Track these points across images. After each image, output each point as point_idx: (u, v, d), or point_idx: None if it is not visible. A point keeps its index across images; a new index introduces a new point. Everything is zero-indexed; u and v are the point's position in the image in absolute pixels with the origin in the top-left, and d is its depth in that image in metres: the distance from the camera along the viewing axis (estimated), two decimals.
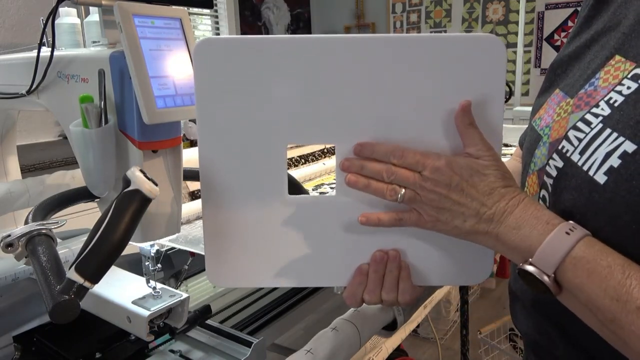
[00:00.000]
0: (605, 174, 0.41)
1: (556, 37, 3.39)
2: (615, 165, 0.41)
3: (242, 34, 3.76)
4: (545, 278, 0.41)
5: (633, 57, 0.44)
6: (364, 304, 0.53)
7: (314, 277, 0.52)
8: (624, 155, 0.40)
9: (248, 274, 0.52)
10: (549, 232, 0.42)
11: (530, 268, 0.42)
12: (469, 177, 0.46)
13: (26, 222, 0.51)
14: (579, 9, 3.24)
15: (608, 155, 0.42)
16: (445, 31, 3.92)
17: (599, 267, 0.39)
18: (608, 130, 0.42)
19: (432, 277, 0.52)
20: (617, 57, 0.46)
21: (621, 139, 0.41)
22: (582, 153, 0.44)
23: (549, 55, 3.42)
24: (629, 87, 0.43)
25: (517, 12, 3.42)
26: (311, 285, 0.58)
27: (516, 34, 3.48)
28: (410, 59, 0.47)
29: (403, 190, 0.47)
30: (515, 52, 3.52)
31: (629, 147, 0.40)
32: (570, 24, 3.31)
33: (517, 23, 3.45)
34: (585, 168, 0.43)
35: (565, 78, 0.54)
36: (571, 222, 0.42)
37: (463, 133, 0.48)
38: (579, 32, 0.55)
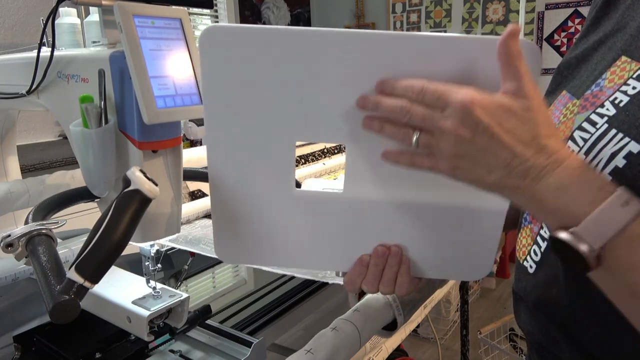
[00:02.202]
0: (610, 174, 0.41)
1: (556, 37, 3.39)
2: (621, 166, 0.41)
3: None
4: (584, 248, 0.36)
5: (639, 57, 0.44)
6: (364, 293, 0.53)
7: (315, 262, 0.53)
8: (629, 156, 0.40)
9: (252, 255, 0.53)
10: (601, 200, 0.36)
11: (565, 236, 0.37)
12: (502, 120, 0.38)
13: (26, 222, 0.51)
14: (579, 9, 3.25)
15: (613, 155, 0.41)
16: (445, 31, 3.92)
17: None
18: (613, 131, 0.42)
19: (432, 271, 0.52)
20: (624, 58, 0.46)
21: (627, 139, 0.41)
22: (587, 153, 0.44)
23: (549, 55, 3.42)
24: (634, 87, 0.43)
25: (517, 12, 3.42)
26: (312, 269, 0.58)
27: None
28: (436, 59, 0.43)
29: (418, 133, 0.41)
30: None
31: (635, 147, 0.40)
32: (570, 23, 3.31)
33: (517, 23, 3.45)
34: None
35: (572, 80, 0.54)
36: (627, 191, 0.37)
37: (505, 65, 0.40)
38: (586, 34, 0.55)
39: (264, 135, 0.47)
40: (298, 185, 0.52)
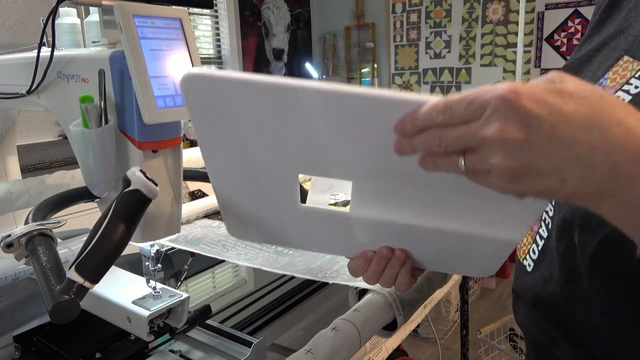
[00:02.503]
0: None
1: (556, 37, 3.39)
2: None
3: (242, 33, 3.76)
4: None
5: None
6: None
7: (321, 248, 0.54)
8: None
9: (260, 235, 0.53)
10: None
11: None
12: (561, 105, 0.29)
13: (26, 222, 0.51)
14: (579, 9, 3.25)
15: None
16: (445, 31, 3.92)
17: None
18: None
19: (437, 266, 0.52)
20: (626, 58, 0.46)
21: None
22: None
23: (549, 55, 3.42)
24: (636, 87, 0.43)
25: (517, 12, 3.42)
26: (317, 252, 0.58)
27: (516, 34, 3.48)
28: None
29: (462, 157, 0.33)
30: (515, 52, 3.52)
31: None
32: (570, 23, 3.31)
33: (517, 23, 3.45)
34: None
35: None
36: None
37: None
38: (590, 36, 0.56)
39: (263, 173, 0.45)
40: (304, 192, 0.51)
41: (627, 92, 0.43)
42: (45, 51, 0.58)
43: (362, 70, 4.61)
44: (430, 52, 4.05)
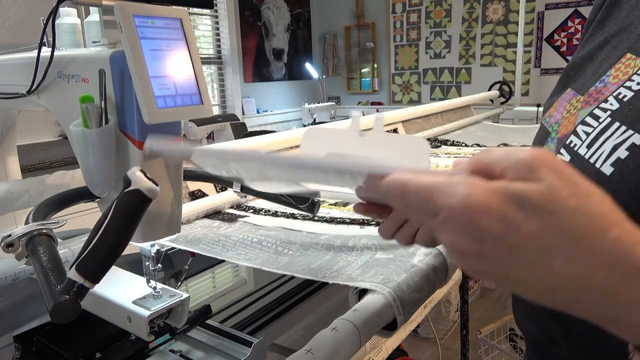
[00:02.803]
0: (612, 165, 0.41)
1: (556, 37, 3.39)
2: (623, 157, 0.41)
3: (242, 33, 3.76)
4: None
5: None
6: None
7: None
8: (632, 147, 0.41)
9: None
10: None
11: None
12: (520, 225, 0.26)
13: (26, 222, 0.51)
14: (579, 9, 3.25)
15: (616, 147, 0.42)
16: (445, 31, 3.92)
17: None
18: (617, 124, 0.43)
19: None
20: (629, 55, 0.47)
21: (630, 132, 0.41)
22: (589, 146, 0.44)
23: (549, 55, 3.42)
24: (638, 83, 0.43)
25: (517, 12, 3.43)
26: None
27: (516, 34, 3.48)
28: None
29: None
30: (515, 52, 3.52)
31: (638, 139, 0.40)
32: (570, 23, 3.31)
33: (517, 23, 3.45)
34: (592, 161, 0.43)
35: (577, 79, 0.55)
36: None
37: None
38: (592, 35, 0.56)
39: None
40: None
41: (629, 88, 0.44)
42: (46, 51, 0.58)
43: (362, 70, 4.61)
44: (430, 52, 4.05)
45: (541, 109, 2.92)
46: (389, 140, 0.42)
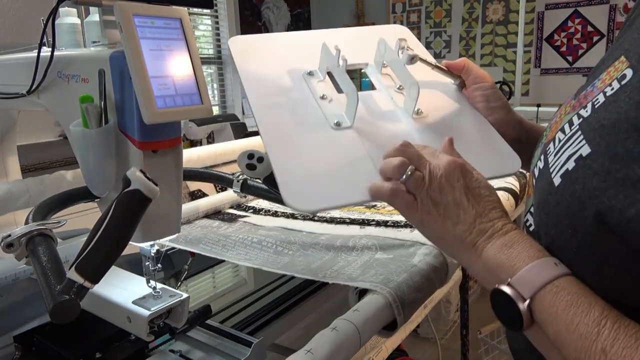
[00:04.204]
0: (561, 176, 0.41)
1: (556, 37, 3.38)
2: (570, 168, 0.40)
3: (242, 33, 3.76)
4: (521, 305, 0.39)
5: (631, 56, 0.42)
6: None
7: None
8: (578, 159, 0.40)
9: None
10: (539, 257, 0.41)
11: (506, 289, 0.40)
12: (476, 187, 0.46)
13: (26, 222, 0.51)
14: (579, 9, 3.25)
15: (569, 157, 0.41)
16: (445, 31, 3.92)
17: (579, 300, 0.37)
18: (579, 133, 0.41)
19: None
20: (622, 58, 0.44)
21: (583, 142, 0.40)
22: (556, 154, 0.44)
23: (549, 55, 3.42)
24: (612, 88, 0.41)
25: (517, 12, 3.42)
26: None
27: (516, 34, 3.48)
28: None
29: (413, 168, 0.47)
30: (515, 52, 3.52)
31: (585, 150, 0.39)
32: (570, 24, 3.31)
33: (517, 23, 3.45)
34: (550, 170, 0.43)
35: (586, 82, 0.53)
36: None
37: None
38: (620, 36, 0.53)
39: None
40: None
41: (605, 94, 0.41)
42: (46, 51, 0.58)
43: (363, 70, 4.61)
44: (430, 52, 4.04)
45: (541, 108, 2.93)
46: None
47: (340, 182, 0.56)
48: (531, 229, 0.50)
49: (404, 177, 0.47)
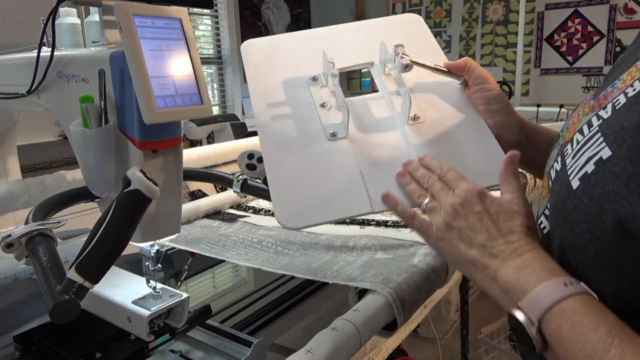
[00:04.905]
0: (579, 179, 0.40)
1: (556, 37, 3.38)
2: (589, 171, 0.39)
3: (242, 33, 3.76)
4: (532, 330, 0.38)
5: None
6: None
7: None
8: (598, 162, 0.38)
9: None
10: (547, 279, 0.40)
11: (519, 315, 0.40)
12: (494, 213, 0.47)
13: (26, 222, 0.51)
14: (579, 9, 3.24)
15: (588, 160, 0.40)
16: (445, 31, 3.92)
17: (585, 320, 0.36)
18: (598, 135, 0.40)
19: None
20: None
21: (603, 144, 0.39)
22: (574, 157, 0.42)
23: (549, 55, 3.42)
24: (634, 89, 0.40)
25: (517, 12, 3.42)
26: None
27: (516, 34, 3.48)
28: None
29: (430, 199, 0.52)
30: (515, 52, 3.52)
31: (605, 153, 0.38)
32: (570, 24, 3.31)
33: (517, 23, 3.45)
34: (568, 172, 0.42)
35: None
36: (574, 279, 0.40)
37: (504, 180, 0.51)
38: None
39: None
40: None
41: (626, 95, 0.41)
42: (46, 51, 0.58)
43: (362, 71, 4.61)
44: None
45: (541, 108, 2.93)
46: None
47: (331, 199, 0.60)
48: (545, 231, 0.49)
49: (423, 206, 0.52)
